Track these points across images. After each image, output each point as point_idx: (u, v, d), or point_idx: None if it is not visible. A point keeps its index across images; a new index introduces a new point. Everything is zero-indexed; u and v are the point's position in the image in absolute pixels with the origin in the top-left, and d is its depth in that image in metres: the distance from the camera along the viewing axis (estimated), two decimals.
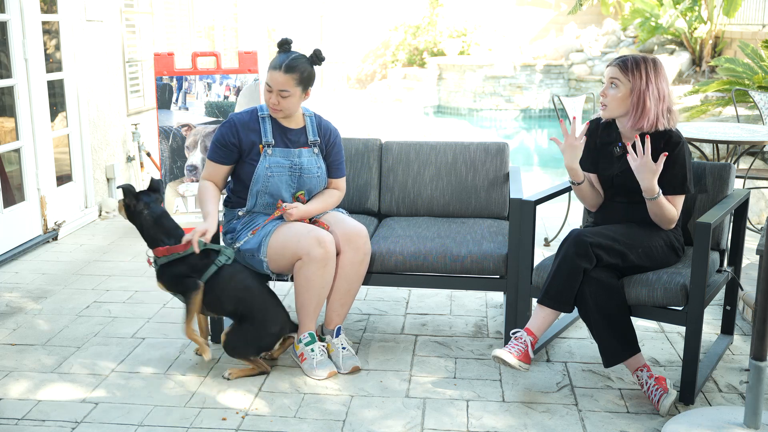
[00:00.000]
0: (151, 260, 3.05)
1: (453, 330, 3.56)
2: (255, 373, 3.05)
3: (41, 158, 5.03)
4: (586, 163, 3.17)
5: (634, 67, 2.95)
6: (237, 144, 3.12)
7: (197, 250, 2.97)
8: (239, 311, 3.01)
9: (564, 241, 2.92)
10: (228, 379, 3.02)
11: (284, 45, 3.11)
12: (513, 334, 2.95)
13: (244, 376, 3.04)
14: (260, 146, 3.12)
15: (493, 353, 2.86)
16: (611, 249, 2.87)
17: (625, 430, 2.68)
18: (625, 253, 2.89)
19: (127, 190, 3.02)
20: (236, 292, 3.01)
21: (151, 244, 3.03)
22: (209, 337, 3.36)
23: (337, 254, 3.09)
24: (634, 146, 2.89)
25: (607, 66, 3.05)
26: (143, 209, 3.03)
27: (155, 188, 3.11)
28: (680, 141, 2.97)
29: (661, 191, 2.92)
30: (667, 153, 2.88)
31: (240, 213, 3.20)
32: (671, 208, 2.96)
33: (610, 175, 3.08)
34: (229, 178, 3.25)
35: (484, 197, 3.71)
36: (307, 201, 3.21)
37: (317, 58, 3.12)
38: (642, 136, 2.92)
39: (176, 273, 3.00)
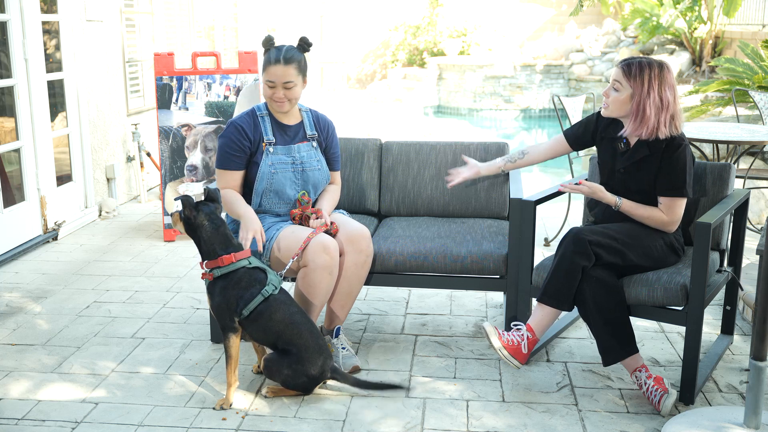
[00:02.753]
0: (208, 273, 2.83)
1: (453, 330, 3.56)
2: (294, 393, 2.89)
3: (41, 158, 5.03)
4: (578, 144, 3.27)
5: (638, 73, 2.91)
6: (250, 146, 3.12)
7: (246, 247, 2.85)
8: (280, 346, 2.83)
9: (563, 239, 2.92)
10: (266, 397, 2.88)
11: (270, 42, 3.14)
12: (514, 325, 2.96)
13: (283, 396, 2.90)
14: (263, 144, 3.13)
15: (483, 324, 2.88)
16: (610, 247, 2.87)
17: (625, 430, 2.68)
18: (625, 252, 2.89)
19: (187, 201, 2.79)
20: (280, 326, 2.80)
21: (209, 256, 2.82)
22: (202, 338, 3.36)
23: (339, 255, 3.08)
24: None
25: (614, 66, 3.03)
26: (204, 221, 2.81)
27: (213, 198, 2.90)
28: (682, 144, 2.95)
29: (621, 201, 2.98)
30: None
31: None
32: (651, 214, 2.96)
33: (611, 168, 3.08)
34: None
35: (484, 197, 3.71)
36: (312, 200, 3.21)
37: (306, 44, 3.15)
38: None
39: (234, 283, 2.79)
